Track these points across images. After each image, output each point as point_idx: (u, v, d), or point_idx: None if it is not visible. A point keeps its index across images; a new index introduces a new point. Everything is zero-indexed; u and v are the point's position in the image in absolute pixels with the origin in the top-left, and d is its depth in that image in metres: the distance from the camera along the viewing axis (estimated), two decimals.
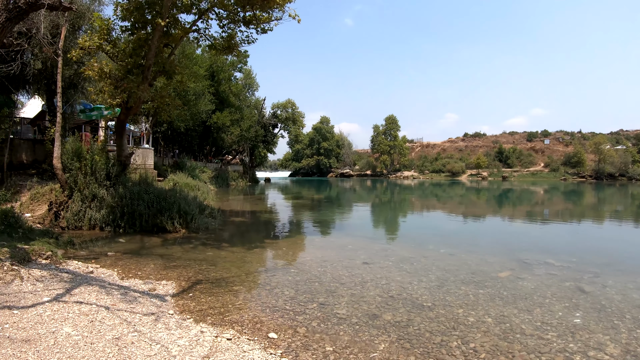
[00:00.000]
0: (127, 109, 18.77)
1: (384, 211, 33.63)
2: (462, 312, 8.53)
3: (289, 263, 12.85)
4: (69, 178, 19.00)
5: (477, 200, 45.64)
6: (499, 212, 33.20)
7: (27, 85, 26.37)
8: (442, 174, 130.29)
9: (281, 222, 24.73)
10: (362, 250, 15.12)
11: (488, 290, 10.16)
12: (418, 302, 9.18)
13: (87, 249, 13.98)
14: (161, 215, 18.14)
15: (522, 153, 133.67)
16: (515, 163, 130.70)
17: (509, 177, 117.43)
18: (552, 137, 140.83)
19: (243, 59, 66.33)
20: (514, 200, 45.64)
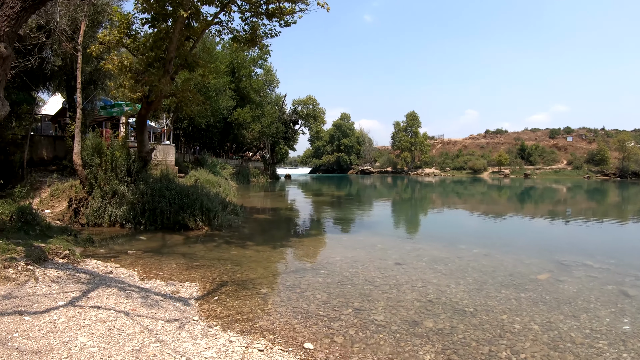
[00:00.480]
0: (148, 104, 18.25)
1: (408, 209, 32.80)
2: (507, 319, 7.89)
3: (318, 263, 12.16)
4: (89, 174, 18.59)
5: (501, 198, 44.62)
6: (524, 210, 32.27)
7: (47, 82, 26.11)
8: (464, 171, 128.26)
9: (305, 219, 24.14)
10: (393, 249, 14.40)
11: (529, 294, 9.47)
12: (459, 307, 8.50)
13: (107, 247, 13.47)
14: (183, 212, 17.60)
15: (544, 150, 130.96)
16: (537, 160, 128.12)
17: (531, 174, 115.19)
18: (574, 134, 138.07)
19: (264, 55, 65.74)
20: (538, 198, 44.50)
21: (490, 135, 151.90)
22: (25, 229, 11.78)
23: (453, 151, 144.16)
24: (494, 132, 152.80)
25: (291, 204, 34.04)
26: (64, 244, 11.71)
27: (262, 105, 64.69)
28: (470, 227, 21.70)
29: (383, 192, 54.70)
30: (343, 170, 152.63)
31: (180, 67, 17.91)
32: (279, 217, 24.56)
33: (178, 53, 17.27)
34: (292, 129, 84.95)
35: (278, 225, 21.39)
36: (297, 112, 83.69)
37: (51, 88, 28.63)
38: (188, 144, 53.87)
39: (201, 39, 18.67)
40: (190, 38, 17.90)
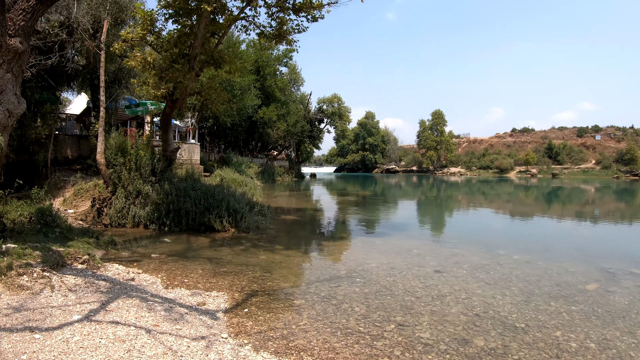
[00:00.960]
0: (173, 102, 17.68)
1: (437, 210, 31.78)
2: (561, 336, 7.12)
3: (352, 270, 11.33)
4: (113, 174, 18.14)
5: (530, 199, 43.28)
6: (556, 211, 30.97)
7: (71, 81, 25.85)
8: (490, 171, 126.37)
9: (333, 220, 23.32)
10: (430, 255, 13.53)
11: (580, 306, 8.66)
12: (509, 322, 7.71)
13: (130, 250, 12.88)
14: (209, 213, 16.98)
15: (572, 149, 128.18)
16: (565, 160, 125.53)
17: (559, 174, 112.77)
18: (603, 132, 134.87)
19: (288, 54, 65.30)
20: (568, 199, 43.00)
21: (516, 133, 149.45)
22: (44, 231, 11.25)
23: (479, 150, 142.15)
24: (521, 131, 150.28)
25: (318, 204, 33.29)
26: (84, 246, 11.16)
27: (287, 103, 64.25)
28: (505, 230, 20.80)
29: (409, 191, 53.67)
30: (368, 169, 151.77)
31: (205, 63, 17.32)
32: (307, 218, 23.81)
33: (203, 49, 16.69)
34: (318, 127, 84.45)
35: (306, 227, 20.66)
36: (322, 111, 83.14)
37: (75, 87, 28.42)
38: (213, 143, 53.47)
39: (225, 38, 18.00)
40: (216, 34, 17.29)
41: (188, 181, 19.03)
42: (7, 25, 8.73)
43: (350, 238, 16.86)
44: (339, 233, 18.40)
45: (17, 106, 9.04)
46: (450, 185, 69.99)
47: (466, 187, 62.73)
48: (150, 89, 16.33)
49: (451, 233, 19.17)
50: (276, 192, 42.29)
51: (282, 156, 78.51)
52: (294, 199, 37.29)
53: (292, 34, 17.14)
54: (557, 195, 47.43)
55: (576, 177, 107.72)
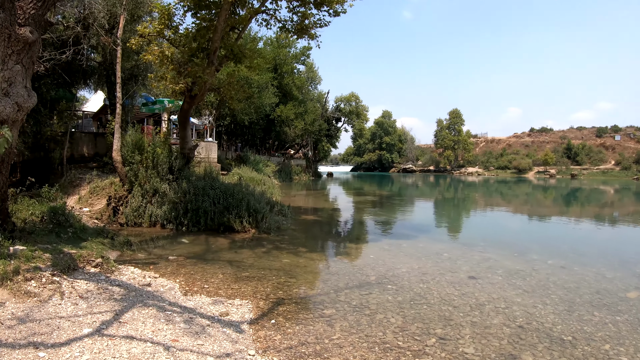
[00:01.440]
0: (191, 98, 17.08)
1: (459, 211, 30.79)
2: (610, 350, 6.55)
3: (382, 276, 10.60)
4: (129, 172, 17.64)
5: (552, 200, 42.03)
6: (581, 213, 29.87)
7: (87, 78, 25.40)
8: (508, 171, 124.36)
9: (356, 221, 22.51)
10: (462, 260, 12.75)
11: (625, 316, 8.02)
12: (554, 334, 7.04)
13: (146, 251, 12.29)
14: (228, 213, 16.34)
15: (591, 150, 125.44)
16: (584, 160, 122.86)
17: (578, 175, 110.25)
18: (622, 132, 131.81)
19: (306, 52, 64.73)
20: (591, 200, 41.72)
21: (535, 133, 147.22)
22: (57, 232, 10.66)
23: (497, 150, 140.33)
24: (539, 131, 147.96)
25: (337, 203, 32.56)
26: (98, 247, 10.59)
27: (304, 102, 63.66)
28: (532, 232, 19.97)
29: (428, 191, 52.55)
30: (384, 169, 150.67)
31: (225, 58, 16.71)
32: (328, 219, 23.04)
33: (223, 43, 16.10)
34: (335, 126, 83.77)
35: (329, 228, 19.92)
36: (339, 109, 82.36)
37: (92, 85, 27.99)
38: (230, 141, 53.04)
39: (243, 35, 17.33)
40: (235, 28, 16.71)
41: (206, 180, 18.46)
42: (17, 13, 8.16)
43: (375, 240, 16.07)
44: (363, 234, 17.64)
45: (27, 100, 8.45)
46: (469, 185, 68.71)
47: (485, 188, 61.47)
48: (167, 84, 15.74)
49: (478, 235, 18.28)
50: (294, 191, 41.66)
51: (299, 155, 77.91)
52: (313, 198, 36.63)
53: (314, 28, 16.51)
54: (578, 197, 46.04)
55: (595, 178, 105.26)
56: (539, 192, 51.95)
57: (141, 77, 25.01)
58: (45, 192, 11.90)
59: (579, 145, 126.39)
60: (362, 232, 18.50)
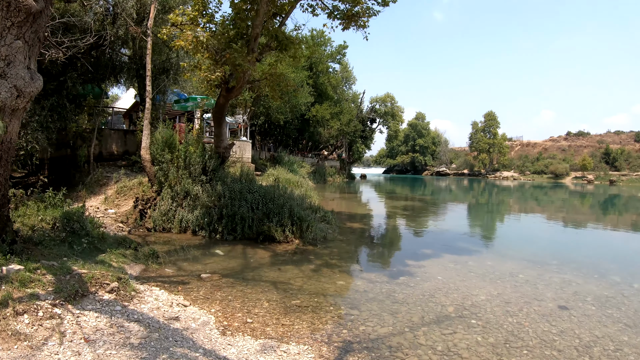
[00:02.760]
0: (228, 91, 15.29)
1: (509, 220, 28.26)
2: None
3: (460, 306, 8.68)
4: (159, 171, 16.04)
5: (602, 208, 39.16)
6: None
7: (117, 74, 24.11)
8: (544, 176, 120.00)
9: (406, 231, 20.20)
10: (541, 283, 10.77)
11: None
12: None
13: (175, 265, 10.54)
14: (268, 220, 14.50)
15: (630, 155, 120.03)
16: (623, 166, 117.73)
17: (617, 181, 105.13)
18: None
19: (342, 50, 63.08)
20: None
21: (571, 137, 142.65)
22: (70, 241, 8.93)
23: (532, 154, 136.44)
24: (576, 135, 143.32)
25: (379, 209, 30.37)
26: (119, 260, 8.88)
27: (340, 102, 61.93)
28: (599, 247, 17.73)
29: (463, 195, 49.85)
30: (417, 171, 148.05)
31: (266, 47, 14.87)
32: (375, 227, 20.90)
33: (265, 30, 14.28)
34: (370, 127, 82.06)
35: (378, 239, 17.77)
36: (374, 110, 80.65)
37: (122, 81, 26.75)
38: (263, 141, 51.45)
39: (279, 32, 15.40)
40: (278, 15, 14.89)
41: (243, 182, 16.73)
42: None
43: (435, 256, 13.95)
44: (419, 248, 15.49)
45: (30, 83, 6.72)
46: (504, 190, 65.76)
47: (523, 193, 58.33)
48: (202, 74, 13.93)
49: (543, 251, 15.97)
50: (329, 193, 39.88)
51: (333, 156, 76.18)
52: (352, 202, 34.61)
53: (363, 17, 14.66)
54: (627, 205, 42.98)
55: (635, 185, 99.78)
56: (583, 199, 49.04)
57: (173, 72, 23.56)
58: (49, 197, 10.08)
59: (618, 150, 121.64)
60: (417, 245, 16.30)
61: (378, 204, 35.02)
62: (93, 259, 8.48)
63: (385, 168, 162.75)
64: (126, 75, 24.43)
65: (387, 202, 36.76)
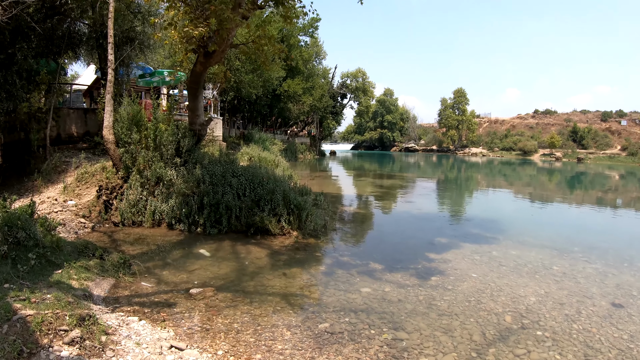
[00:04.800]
0: (206, 56, 12.86)
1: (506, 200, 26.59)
2: None
3: (517, 313, 7.37)
4: (125, 154, 13.72)
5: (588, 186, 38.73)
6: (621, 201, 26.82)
7: (75, 47, 21.47)
8: (513, 152, 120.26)
9: (408, 215, 17.72)
10: (578, 276, 9.83)
11: None
12: None
13: (153, 275, 8.32)
14: (259, 209, 12.28)
15: (597, 134, 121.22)
16: (590, 144, 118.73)
17: (584, 159, 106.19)
18: (627, 118, 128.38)
19: (314, 23, 60.39)
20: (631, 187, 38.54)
21: (539, 115, 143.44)
22: (13, 257, 6.52)
23: (500, 131, 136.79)
24: (543, 113, 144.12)
25: (367, 189, 28.08)
26: (81, 275, 6.69)
27: (312, 77, 59.44)
28: (604, 229, 16.95)
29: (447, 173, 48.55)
30: (385, 148, 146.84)
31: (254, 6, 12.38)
32: (372, 212, 18.71)
33: None
34: (340, 103, 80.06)
35: (382, 226, 15.49)
36: (345, 86, 78.49)
37: (82, 55, 24.00)
38: (232, 118, 48.73)
39: None
40: None
41: (224, 164, 14.41)
42: None
43: (455, 247, 11.99)
44: (430, 236, 13.46)
45: None
46: (476, 165, 65.41)
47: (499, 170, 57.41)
48: (176, 34, 11.41)
49: (558, 235, 14.41)
50: (303, 171, 37.82)
51: (304, 133, 73.95)
52: (332, 181, 32.58)
53: None
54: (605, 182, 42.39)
55: (602, 162, 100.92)
56: (552, 176, 49.07)
57: (138, 41, 20.98)
58: None
59: (585, 129, 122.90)
60: (426, 232, 14.25)
61: (361, 182, 32.82)
62: (45, 281, 6.20)
63: (354, 144, 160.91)
64: (85, 47, 21.81)
65: (370, 180, 34.47)
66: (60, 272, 6.82)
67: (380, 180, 34.31)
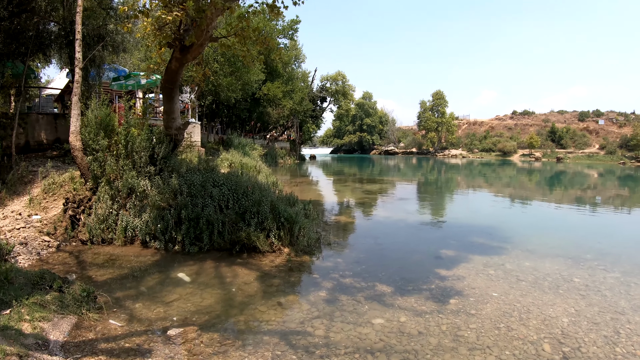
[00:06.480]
0: (183, 51, 11.45)
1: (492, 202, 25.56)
2: None
3: (553, 339, 6.50)
4: (93, 163, 12.18)
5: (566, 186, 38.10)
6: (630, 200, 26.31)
7: (44, 49, 20.02)
8: (492, 153, 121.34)
9: (404, 224, 16.32)
10: (602, 287, 9.05)
11: None
12: None
13: (123, 310, 6.91)
14: (245, 223, 10.90)
15: (575, 133, 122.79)
16: (569, 144, 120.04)
17: (563, 158, 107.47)
18: (604, 117, 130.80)
19: (294, 25, 59.28)
20: (609, 185, 38.74)
21: (517, 116, 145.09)
22: None
23: (479, 132, 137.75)
24: (521, 114, 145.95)
25: (353, 195, 26.62)
26: (36, 315, 5.41)
27: (292, 80, 58.24)
28: (608, 232, 16.01)
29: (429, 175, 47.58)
30: (365, 151, 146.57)
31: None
32: (365, 222, 17.14)
33: None
34: (320, 106, 79.06)
35: (379, 238, 13.71)
36: (325, 89, 77.52)
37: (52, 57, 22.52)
38: (210, 123, 47.20)
39: None
40: None
41: (204, 172, 13.03)
42: None
43: (462, 259, 10.79)
44: (435, 248, 12.15)
45: None
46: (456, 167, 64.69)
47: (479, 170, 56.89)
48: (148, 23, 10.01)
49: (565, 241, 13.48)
50: (285, 177, 36.57)
51: (283, 137, 72.75)
52: (317, 187, 31.18)
53: None
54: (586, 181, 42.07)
55: (581, 161, 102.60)
56: (532, 175, 48.76)
57: (110, 39, 19.59)
58: None
59: (563, 129, 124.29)
60: (431, 244, 12.86)
61: (346, 188, 31.42)
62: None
63: (333, 148, 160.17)
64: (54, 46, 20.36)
65: (354, 185, 33.16)
66: (9, 313, 5.44)
67: (363, 185, 33.03)
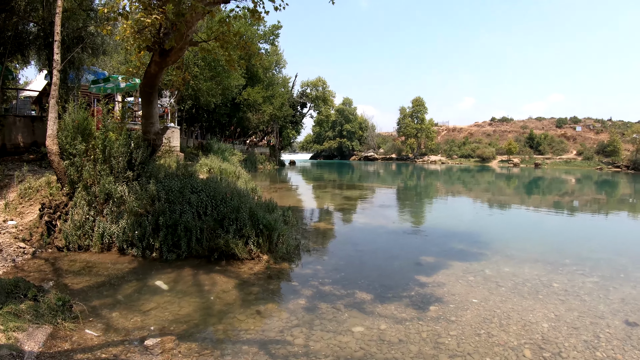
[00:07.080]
0: (162, 55, 11.30)
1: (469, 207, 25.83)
2: None
3: (534, 344, 6.63)
4: (70, 167, 11.96)
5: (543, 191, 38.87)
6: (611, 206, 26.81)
7: (23, 49, 19.97)
8: (471, 160, 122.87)
9: (384, 230, 16.22)
10: (581, 292, 9.27)
11: None
12: None
13: (100, 319, 6.77)
14: (223, 230, 10.78)
15: (553, 140, 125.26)
16: (546, 150, 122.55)
17: (541, 164, 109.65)
18: (582, 124, 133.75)
19: (275, 31, 59.22)
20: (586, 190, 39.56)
21: (496, 123, 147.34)
22: None
23: (458, 138, 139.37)
24: (500, 120, 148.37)
25: (333, 201, 26.51)
26: (10, 325, 5.31)
27: (272, 85, 58.12)
28: (586, 235, 16.75)
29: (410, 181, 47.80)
30: (344, 157, 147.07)
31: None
32: (345, 228, 17.08)
33: None
34: (300, 112, 79.13)
35: (359, 244, 13.69)
36: (305, 94, 77.60)
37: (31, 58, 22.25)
38: (189, 128, 46.83)
39: None
40: None
41: (182, 178, 12.88)
42: None
43: (441, 265, 10.82)
44: (413, 254, 12.22)
45: None
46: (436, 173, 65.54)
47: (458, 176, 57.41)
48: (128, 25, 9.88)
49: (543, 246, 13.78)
50: (265, 182, 36.44)
51: (263, 143, 72.57)
52: (296, 193, 31.09)
53: None
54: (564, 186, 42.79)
55: (559, 167, 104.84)
56: (509, 181, 49.80)
57: (89, 41, 19.46)
58: None
59: (541, 135, 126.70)
60: (411, 250, 12.91)
61: (325, 194, 31.34)
62: None
63: (313, 154, 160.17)
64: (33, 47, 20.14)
65: (334, 191, 33.13)
66: None
67: (343, 190, 33.04)
